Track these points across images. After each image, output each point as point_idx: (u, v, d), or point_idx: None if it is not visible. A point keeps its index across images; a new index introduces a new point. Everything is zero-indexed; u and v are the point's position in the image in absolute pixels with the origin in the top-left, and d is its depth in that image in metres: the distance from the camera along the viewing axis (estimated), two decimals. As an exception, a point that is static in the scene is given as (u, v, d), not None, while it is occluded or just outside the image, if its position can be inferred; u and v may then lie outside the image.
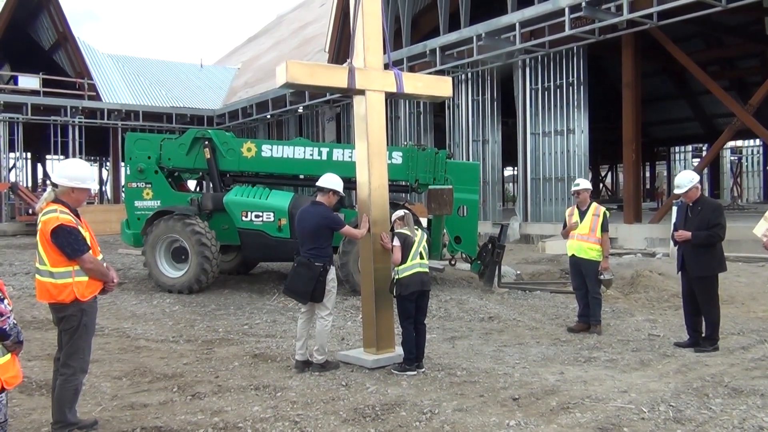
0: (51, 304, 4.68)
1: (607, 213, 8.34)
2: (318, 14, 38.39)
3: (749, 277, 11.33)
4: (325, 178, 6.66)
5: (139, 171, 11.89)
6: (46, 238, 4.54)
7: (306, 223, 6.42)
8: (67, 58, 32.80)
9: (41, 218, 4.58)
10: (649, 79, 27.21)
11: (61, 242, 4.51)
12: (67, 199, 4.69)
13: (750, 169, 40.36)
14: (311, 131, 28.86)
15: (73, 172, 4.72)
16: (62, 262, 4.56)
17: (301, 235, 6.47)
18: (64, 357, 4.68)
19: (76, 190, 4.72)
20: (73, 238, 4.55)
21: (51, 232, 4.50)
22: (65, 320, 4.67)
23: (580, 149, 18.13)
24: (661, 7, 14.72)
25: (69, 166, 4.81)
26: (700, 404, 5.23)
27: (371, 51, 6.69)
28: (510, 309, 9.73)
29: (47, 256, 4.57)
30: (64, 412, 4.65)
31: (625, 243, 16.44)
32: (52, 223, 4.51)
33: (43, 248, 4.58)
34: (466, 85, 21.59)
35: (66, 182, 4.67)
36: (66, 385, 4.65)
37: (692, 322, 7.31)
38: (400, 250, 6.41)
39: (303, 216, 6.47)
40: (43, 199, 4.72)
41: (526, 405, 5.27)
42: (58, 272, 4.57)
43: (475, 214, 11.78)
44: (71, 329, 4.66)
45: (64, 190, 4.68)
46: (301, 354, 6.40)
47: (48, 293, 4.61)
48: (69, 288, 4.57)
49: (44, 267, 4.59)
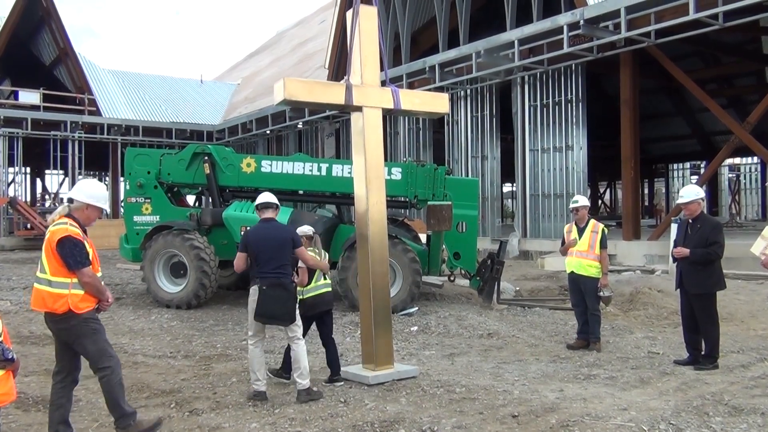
0: (46, 313, 4.71)
1: (605, 230, 8.34)
2: (318, 31, 38.65)
3: (748, 295, 11.32)
4: (270, 195, 6.44)
5: (138, 186, 11.90)
6: (51, 246, 4.64)
7: (272, 242, 5.97)
8: (68, 73, 32.94)
9: (50, 228, 4.71)
10: (647, 96, 27.39)
11: (64, 252, 4.61)
12: (80, 216, 4.84)
13: (748, 186, 40.45)
14: (311, 147, 28.94)
15: (91, 190, 4.92)
16: (62, 272, 4.63)
17: (265, 254, 5.94)
18: (94, 363, 4.79)
19: (90, 208, 4.88)
20: (77, 250, 4.65)
21: (57, 241, 4.61)
22: (70, 332, 4.72)
23: (578, 166, 18.18)
24: (658, 25, 14.84)
25: (88, 184, 5.01)
26: (701, 423, 5.20)
27: (368, 68, 6.72)
28: (509, 325, 9.70)
29: (49, 264, 4.66)
30: (121, 406, 4.83)
31: (624, 260, 16.43)
32: (60, 233, 4.63)
33: (46, 257, 4.67)
34: (465, 101, 21.69)
35: (83, 198, 4.85)
36: (111, 383, 4.80)
37: (692, 340, 7.29)
38: (307, 272, 6.39)
39: (264, 234, 6.03)
40: (56, 212, 4.84)
41: (526, 422, 5.23)
42: (56, 281, 4.64)
43: (474, 230, 11.78)
44: (81, 335, 4.72)
45: (79, 206, 4.85)
46: (264, 384, 5.96)
47: (43, 301, 4.67)
48: (64, 299, 4.62)
49: (44, 275, 4.67)
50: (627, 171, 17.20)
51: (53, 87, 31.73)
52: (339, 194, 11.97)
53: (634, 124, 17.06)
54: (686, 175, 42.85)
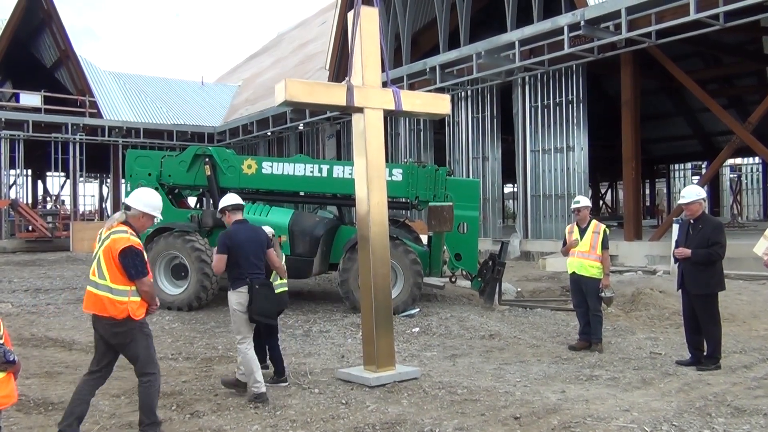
0: (101, 317, 4.80)
1: (607, 230, 8.33)
2: (318, 32, 38.65)
3: (750, 295, 11.29)
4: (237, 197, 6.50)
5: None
6: (113, 255, 4.74)
7: (253, 243, 6.12)
8: (69, 75, 32.96)
9: (112, 236, 4.80)
10: (648, 97, 27.34)
11: (127, 262, 4.73)
12: (135, 223, 4.98)
13: (750, 186, 40.40)
14: (312, 148, 28.94)
15: (149, 199, 5.08)
16: (122, 280, 4.76)
17: (249, 254, 6.04)
18: (140, 367, 4.92)
19: (145, 216, 5.02)
20: (139, 260, 4.80)
21: (120, 250, 4.73)
22: (121, 335, 4.83)
23: (579, 166, 18.16)
24: (659, 26, 14.83)
25: (146, 193, 5.15)
26: (703, 424, 5.18)
27: (369, 69, 6.72)
28: (511, 326, 9.69)
29: (109, 271, 4.76)
30: (154, 412, 4.93)
31: (625, 260, 16.41)
32: (122, 242, 4.75)
33: (106, 263, 4.77)
34: (466, 102, 21.69)
35: (141, 207, 4.99)
36: (151, 389, 4.93)
37: (694, 341, 7.28)
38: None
39: (245, 235, 6.11)
40: (113, 219, 4.96)
41: (528, 424, 5.22)
42: (117, 289, 4.76)
43: (475, 231, 11.78)
44: (133, 339, 4.85)
45: (135, 214, 4.98)
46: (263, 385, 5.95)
47: (103, 307, 4.77)
48: (124, 306, 4.76)
49: (103, 282, 4.77)
50: (628, 171, 17.18)
51: (54, 89, 31.74)
52: (340, 195, 11.97)
53: (635, 124, 17.04)
54: (688, 176, 42.80)
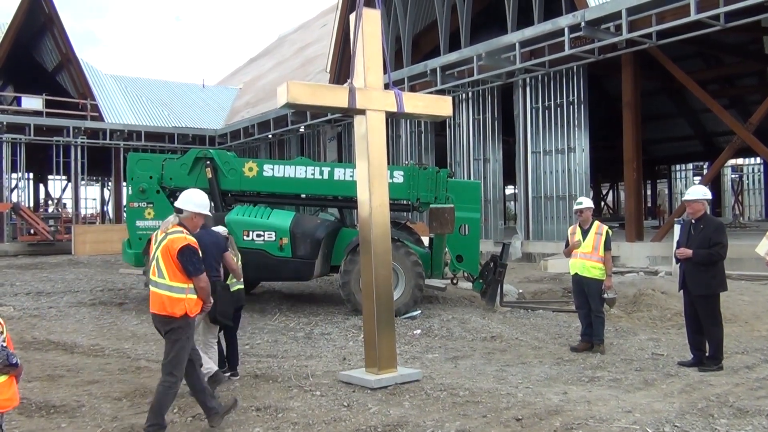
0: (160, 315, 5.00)
1: (609, 231, 8.32)
2: (319, 35, 38.69)
3: (752, 296, 11.27)
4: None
5: (140, 191, 11.90)
6: (171, 254, 4.95)
7: (215, 247, 6.34)
8: (70, 79, 33.03)
9: (169, 237, 5.01)
10: (649, 97, 27.35)
11: (185, 260, 4.95)
12: (188, 224, 5.22)
13: (751, 186, 40.34)
14: (313, 151, 28.96)
15: (198, 199, 5.32)
16: (181, 278, 4.97)
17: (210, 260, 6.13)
18: (169, 367, 5.04)
19: (196, 216, 5.30)
20: (196, 258, 5.03)
21: (178, 249, 4.95)
22: (173, 332, 5.01)
23: (581, 168, 18.15)
24: (660, 26, 14.83)
25: (194, 194, 5.37)
26: (705, 425, 5.17)
27: (371, 71, 6.72)
28: (512, 328, 9.68)
29: (168, 270, 4.97)
30: (162, 416, 5.03)
31: (627, 261, 16.40)
32: (180, 242, 4.97)
33: (164, 263, 4.98)
34: (467, 104, 21.69)
35: (192, 207, 5.25)
36: (169, 391, 5.04)
37: (695, 341, 7.27)
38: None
39: (210, 240, 6.24)
40: (168, 222, 5.17)
41: (530, 425, 5.21)
42: (176, 287, 4.97)
43: (476, 232, 11.77)
44: (178, 341, 5.02)
45: (188, 216, 5.25)
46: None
47: (162, 305, 4.97)
48: (182, 303, 4.96)
49: (163, 281, 4.98)
50: (629, 172, 17.18)
51: (56, 93, 31.80)
52: (341, 198, 11.97)
53: (636, 125, 17.04)
54: (689, 176, 42.77)
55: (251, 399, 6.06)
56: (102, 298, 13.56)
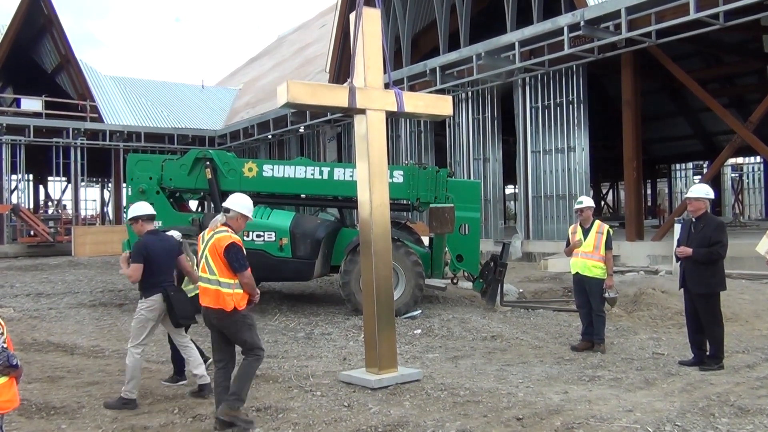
0: (212, 309, 5.32)
1: (610, 231, 8.31)
2: (318, 35, 38.69)
3: (753, 295, 11.26)
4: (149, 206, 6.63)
5: (140, 192, 11.88)
6: (219, 252, 5.28)
7: (168, 252, 6.36)
8: (70, 80, 33.02)
9: (216, 236, 5.35)
10: (649, 97, 27.34)
11: (231, 257, 5.27)
12: (233, 224, 5.52)
13: (751, 185, 40.33)
14: (312, 151, 28.95)
15: (244, 202, 5.63)
16: (228, 274, 5.30)
17: (163, 263, 6.28)
18: (248, 350, 5.43)
19: (241, 218, 5.56)
20: (241, 255, 5.35)
21: (225, 247, 5.27)
22: (229, 326, 5.36)
23: (580, 167, 18.14)
24: (659, 25, 14.82)
25: (241, 197, 5.70)
26: (706, 424, 5.17)
27: (371, 70, 6.71)
28: (513, 328, 9.67)
29: (216, 267, 5.30)
30: (244, 389, 5.34)
31: (627, 260, 16.39)
32: (226, 240, 5.31)
33: (213, 260, 5.31)
34: (467, 103, 21.68)
35: (238, 209, 5.53)
36: (253, 366, 5.45)
37: (696, 340, 7.26)
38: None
39: (160, 245, 6.32)
40: (215, 221, 5.48)
41: (530, 425, 5.21)
42: (224, 282, 5.30)
43: (476, 232, 11.76)
44: (239, 331, 5.38)
45: (233, 216, 5.52)
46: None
47: (215, 299, 5.30)
48: (230, 297, 5.28)
49: (213, 277, 5.31)
50: (629, 172, 17.17)
51: (55, 94, 31.79)
52: (341, 198, 11.96)
53: (636, 124, 17.03)
54: (689, 176, 42.79)
55: (252, 399, 6.04)
56: (102, 299, 13.55)
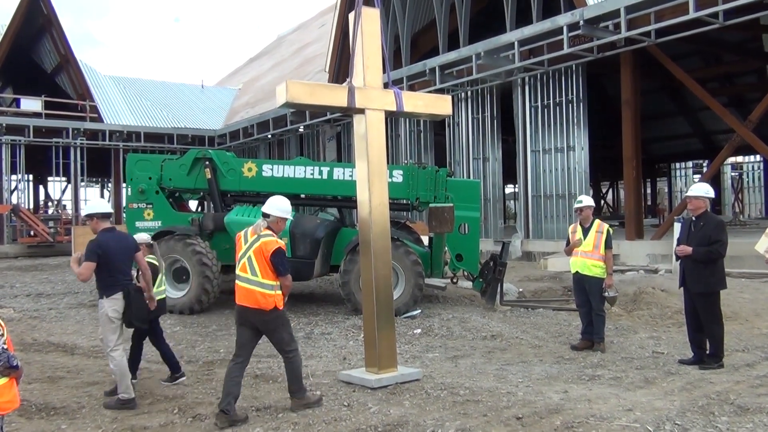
0: (250, 308, 5.57)
1: (610, 230, 8.31)
2: (318, 35, 38.68)
3: (753, 293, 11.27)
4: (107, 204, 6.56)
5: (140, 192, 11.90)
6: (265, 255, 5.55)
7: (125, 250, 6.21)
8: (69, 80, 32.99)
9: (262, 239, 5.59)
10: (648, 96, 27.33)
11: (277, 261, 5.55)
12: (275, 227, 5.76)
13: (751, 184, 40.33)
14: (312, 150, 28.94)
15: (282, 205, 5.82)
16: (271, 276, 5.57)
17: (120, 262, 6.14)
18: (285, 346, 5.73)
19: (281, 220, 5.79)
20: (286, 260, 5.67)
21: (272, 252, 5.54)
22: (268, 323, 5.65)
23: (580, 166, 18.13)
24: (658, 24, 14.81)
25: (279, 200, 5.85)
26: (706, 422, 5.17)
27: (371, 70, 6.71)
28: (513, 327, 9.68)
29: (260, 268, 5.56)
30: (301, 381, 5.80)
31: (627, 260, 16.39)
32: (273, 245, 5.58)
33: (258, 261, 5.56)
34: (466, 103, 21.67)
35: (277, 213, 5.76)
36: (297, 361, 5.79)
37: (696, 339, 7.26)
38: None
39: (116, 243, 6.15)
40: (258, 226, 5.70)
41: (530, 424, 5.21)
42: (267, 284, 5.56)
43: (476, 231, 11.75)
44: (276, 330, 5.70)
45: (273, 219, 5.75)
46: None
47: (255, 299, 5.56)
48: (272, 298, 5.57)
49: (255, 278, 5.56)
50: (629, 171, 17.16)
51: (55, 94, 31.76)
52: (340, 197, 11.96)
53: (636, 124, 17.02)
54: (689, 175, 42.79)
55: (251, 399, 6.06)
56: (102, 299, 13.51)
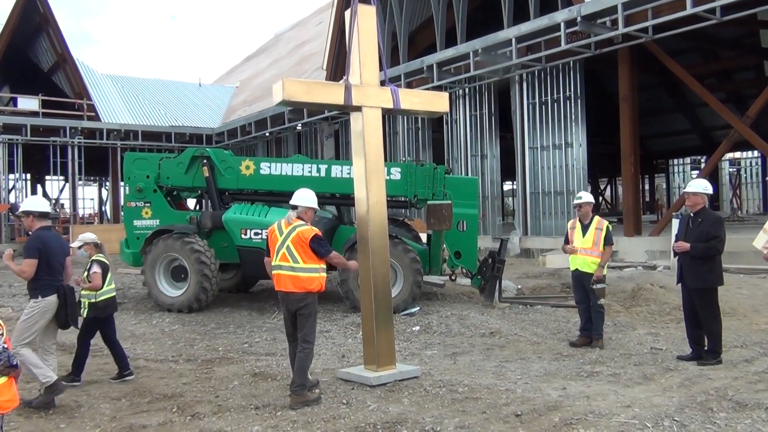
0: (295, 293, 5.93)
1: (610, 227, 8.30)
2: (315, 32, 38.65)
3: (751, 289, 11.28)
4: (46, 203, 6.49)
5: (137, 190, 11.88)
6: (304, 243, 5.95)
7: (61, 250, 6.22)
8: (66, 79, 32.94)
9: (297, 229, 6.00)
10: (646, 92, 27.34)
11: (317, 246, 5.98)
12: (305, 217, 6.16)
13: (749, 180, 40.39)
14: (310, 148, 28.94)
15: (308, 196, 6.19)
16: (314, 260, 5.98)
17: (58, 262, 6.14)
18: (305, 335, 5.99)
19: (309, 210, 6.18)
20: (324, 242, 6.09)
21: (311, 238, 5.96)
22: (307, 307, 5.98)
23: (578, 163, 18.14)
24: (656, 20, 14.81)
25: (305, 192, 6.22)
26: (705, 419, 5.18)
27: (367, 68, 6.70)
28: (511, 324, 9.68)
29: (301, 255, 5.94)
30: (306, 375, 5.94)
31: (625, 256, 16.40)
32: (310, 232, 6.01)
33: (296, 249, 5.95)
34: (464, 100, 21.67)
35: (305, 203, 6.15)
36: (310, 355, 6.04)
37: (694, 335, 7.27)
38: (101, 277, 6.65)
39: (54, 242, 6.18)
40: (290, 216, 6.11)
41: (529, 421, 5.21)
42: (311, 267, 5.97)
43: (474, 228, 11.75)
44: (311, 314, 6.02)
45: (303, 210, 6.14)
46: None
47: (296, 284, 5.94)
48: (317, 280, 6.01)
49: (297, 264, 5.95)
50: (627, 167, 17.18)
51: (52, 93, 31.72)
52: (339, 195, 11.94)
53: (634, 120, 17.03)
54: (687, 171, 42.84)
55: (250, 397, 6.06)
56: (100, 298, 13.50)
